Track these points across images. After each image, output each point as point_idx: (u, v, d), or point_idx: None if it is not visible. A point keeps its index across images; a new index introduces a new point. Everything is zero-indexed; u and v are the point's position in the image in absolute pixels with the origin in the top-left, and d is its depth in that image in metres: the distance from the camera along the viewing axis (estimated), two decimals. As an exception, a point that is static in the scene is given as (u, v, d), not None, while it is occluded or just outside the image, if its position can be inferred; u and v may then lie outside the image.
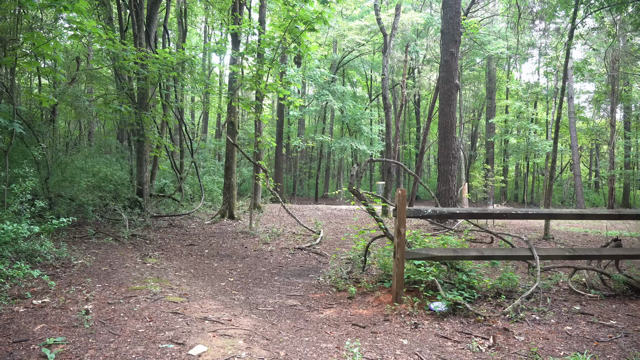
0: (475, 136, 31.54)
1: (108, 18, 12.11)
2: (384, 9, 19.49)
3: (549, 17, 14.63)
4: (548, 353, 3.00)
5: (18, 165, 7.13)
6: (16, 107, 7.13)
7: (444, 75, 10.77)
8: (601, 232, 9.65)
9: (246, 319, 3.62)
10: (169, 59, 7.95)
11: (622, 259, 5.05)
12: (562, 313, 3.87)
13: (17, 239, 4.39)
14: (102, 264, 5.28)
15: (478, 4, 17.81)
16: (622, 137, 25.14)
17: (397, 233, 4.09)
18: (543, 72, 26.47)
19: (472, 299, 4.14)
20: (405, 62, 15.42)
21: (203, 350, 2.80)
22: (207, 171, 17.48)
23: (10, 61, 6.55)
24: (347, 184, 24.93)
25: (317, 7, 7.65)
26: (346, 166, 31.70)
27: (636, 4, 10.10)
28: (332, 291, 4.83)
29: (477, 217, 4.78)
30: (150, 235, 7.62)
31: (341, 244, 7.79)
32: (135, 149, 10.53)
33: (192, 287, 4.66)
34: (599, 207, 24.59)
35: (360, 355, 2.90)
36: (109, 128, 20.46)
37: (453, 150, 10.49)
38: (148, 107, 9.21)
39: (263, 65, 8.49)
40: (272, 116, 20.24)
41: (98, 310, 3.50)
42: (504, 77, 26.98)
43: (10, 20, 10.36)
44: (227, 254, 6.90)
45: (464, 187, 14.10)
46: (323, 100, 22.32)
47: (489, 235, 7.70)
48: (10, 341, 2.83)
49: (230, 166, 10.48)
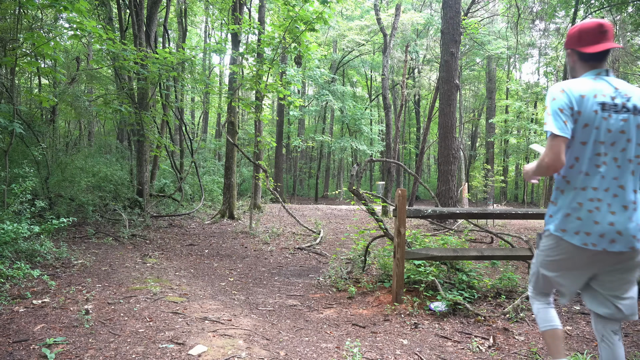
0: (475, 136, 31.54)
1: (108, 18, 12.11)
2: (384, 9, 19.50)
3: (549, 17, 14.63)
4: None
5: (18, 165, 7.13)
6: (16, 107, 7.13)
7: (444, 75, 10.76)
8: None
9: (246, 319, 3.62)
10: (169, 59, 7.95)
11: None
12: (562, 313, 3.87)
13: (17, 239, 4.39)
14: (102, 264, 5.29)
15: (478, 4, 17.81)
16: (622, 137, 25.11)
17: (397, 233, 4.09)
18: (543, 72, 26.49)
19: (472, 299, 4.14)
20: (405, 62, 15.43)
21: (203, 350, 2.80)
22: (207, 171, 17.48)
23: (11, 61, 6.54)
24: (347, 184, 24.94)
25: (317, 7, 7.65)
26: (346, 166, 31.71)
27: (636, 4, 10.11)
28: (332, 291, 4.83)
29: (477, 217, 4.77)
30: (150, 235, 7.62)
31: (341, 244, 7.79)
32: (135, 149, 10.53)
33: (192, 287, 4.66)
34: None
35: (360, 355, 2.90)
36: (109, 128, 20.46)
37: (453, 150, 10.49)
38: (148, 107, 9.21)
39: (263, 65, 8.49)
40: (272, 116, 20.24)
41: (98, 310, 3.50)
42: (504, 77, 26.98)
43: (10, 20, 10.36)
44: (227, 254, 6.90)
45: (464, 187, 14.09)
46: (323, 100, 22.32)
47: (489, 235, 7.70)
48: (10, 341, 2.83)
49: (230, 166, 10.48)
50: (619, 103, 1.76)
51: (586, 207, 1.79)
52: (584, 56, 1.88)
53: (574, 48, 1.92)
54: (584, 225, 1.78)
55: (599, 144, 1.76)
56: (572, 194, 1.83)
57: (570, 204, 1.83)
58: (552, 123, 1.74)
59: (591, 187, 1.78)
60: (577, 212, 1.80)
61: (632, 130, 1.76)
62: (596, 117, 1.75)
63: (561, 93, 1.79)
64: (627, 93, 1.79)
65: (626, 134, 1.75)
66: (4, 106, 7.71)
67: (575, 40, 1.91)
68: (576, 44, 1.90)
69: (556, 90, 1.81)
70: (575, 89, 1.78)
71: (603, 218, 1.76)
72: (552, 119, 1.75)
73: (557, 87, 1.83)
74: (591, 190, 1.78)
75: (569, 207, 1.83)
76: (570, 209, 1.82)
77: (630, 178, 1.78)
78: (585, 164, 1.79)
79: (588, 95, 1.76)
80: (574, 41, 1.91)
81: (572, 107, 1.76)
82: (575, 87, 1.79)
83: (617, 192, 1.77)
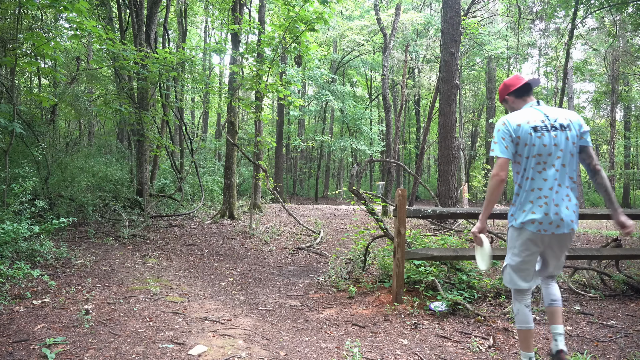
0: (475, 136, 31.53)
1: (108, 18, 12.11)
2: (384, 9, 19.50)
3: (549, 17, 14.63)
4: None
5: (18, 165, 7.13)
6: (16, 107, 7.13)
7: (444, 75, 10.76)
8: (601, 232, 9.66)
9: (246, 319, 3.62)
10: (169, 59, 7.95)
11: (622, 259, 5.05)
12: (562, 313, 3.87)
13: (17, 239, 4.39)
14: (102, 264, 5.29)
15: (478, 4, 17.81)
16: (622, 137, 25.13)
17: (397, 233, 4.09)
18: (543, 72, 26.46)
19: (472, 299, 4.14)
20: (405, 62, 15.43)
21: (203, 350, 2.80)
22: (207, 171, 17.48)
23: (11, 61, 6.54)
24: (347, 184, 24.93)
25: (317, 7, 7.65)
26: (346, 166, 31.71)
27: (636, 4, 10.10)
28: (332, 291, 4.83)
29: (477, 217, 4.77)
30: (150, 235, 7.62)
31: (341, 244, 7.79)
32: (135, 149, 10.53)
33: (192, 287, 4.66)
34: (599, 207, 24.58)
35: (360, 355, 2.91)
36: (109, 128, 20.46)
37: (453, 150, 10.48)
38: (148, 107, 9.21)
39: (263, 65, 8.49)
40: (272, 116, 20.23)
41: (98, 310, 3.50)
42: (504, 77, 26.96)
43: (10, 20, 10.36)
44: (227, 254, 6.90)
45: (464, 187, 14.09)
46: (323, 100, 22.32)
47: (489, 235, 7.69)
48: (10, 341, 2.83)
49: (230, 166, 10.48)
50: (548, 124, 2.38)
51: (536, 203, 2.36)
52: (515, 93, 2.55)
53: (507, 93, 2.59)
54: (536, 217, 2.35)
55: (538, 156, 2.36)
56: (524, 195, 2.42)
57: (525, 203, 2.41)
58: (497, 148, 2.40)
59: (537, 188, 2.37)
60: (531, 208, 2.38)
61: (562, 143, 2.36)
62: (532, 138, 2.36)
63: (503, 125, 2.43)
64: (554, 115, 2.41)
65: (558, 145, 2.36)
66: (4, 106, 7.71)
67: (505, 90, 2.60)
68: (507, 91, 2.59)
69: (499, 123, 2.45)
70: (513, 121, 2.41)
71: (549, 210, 2.34)
72: (497, 146, 2.41)
73: (500, 121, 2.46)
74: (537, 191, 2.37)
75: (524, 206, 2.41)
76: (525, 207, 2.40)
77: (566, 178, 2.38)
78: (530, 172, 2.38)
79: (523, 123, 2.39)
80: (505, 91, 2.60)
81: (511, 134, 2.39)
82: (512, 119, 2.42)
83: (557, 189, 2.36)
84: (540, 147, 2.36)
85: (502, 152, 2.39)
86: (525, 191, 2.42)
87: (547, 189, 2.35)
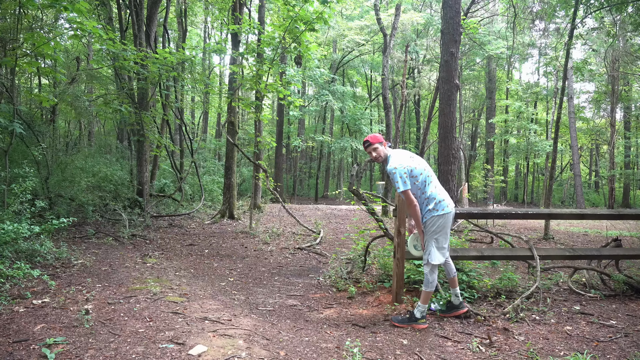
0: (475, 136, 31.54)
1: (108, 18, 12.11)
2: (384, 9, 19.49)
3: (548, 17, 14.62)
4: (548, 353, 3.01)
5: (18, 165, 7.13)
6: (16, 107, 7.12)
7: (444, 75, 10.74)
8: (601, 232, 9.66)
9: (246, 319, 3.62)
10: (169, 59, 7.95)
11: (622, 259, 5.05)
12: (562, 313, 3.88)
13: (17, 239, 4.39)
14: (102, 264, 5.29)
15: (478, 4, 17.80)
16: (622, 137, 25.13)
17: (397, 233, 4.09)
18: (543, 72, 26.49)
19: (472, 299, 4.14)
20: (405, 62, 15.43)
21: (203, 350, 2.80)
22: (207, 171, 17.48)
23: (11, 61, 6.54)
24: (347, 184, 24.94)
25: (317, 7, 7.65)
26: (346, 166, 31.72)
27: (636, 4, 10.10)
28: (332, 291, 4.83)
29: (477, 217, 4.78)
30: (150, 235, 7.62)
31: (341, 244, 7.79)
32: (135, 149, 10.53)
33: (192, 287, 4.66)
34: (599, 207, 24.58)
35: (360, 355, 2.91)
36: (109, 128, 20.46)
37: (453, 150, 10.47)
38: (148, 107, 9.21)
39: (263, 65, 8.49)
40: (272, 116, 20.24)
41: (98, 310, 3.51)
42: (504, 77, 26.97)
43: (10, 20, 10.37)
44: (227, 254, 6.90)
45: (464, 187, 14.08)
46: (323, 100, 22.33)
47: (489, 235, 7.70)
48: (10, 341, 2.83)
49: (230, 166, 10.48)
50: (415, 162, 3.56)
51: (439, 198, 3.53)
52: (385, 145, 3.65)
53: (380, 143, 3.58)
54: (447, 204, 3.52)
55: (425, 178, 3.55)
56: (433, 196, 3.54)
57: (437, 200, 3.53)
58: (401, 184, 3.43)
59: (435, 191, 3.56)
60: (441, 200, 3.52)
61: (427, 169, 3.61)
62: (415, 171, 3.53)
63: (402, 168, 3.45)
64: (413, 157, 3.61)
65: (427, 171, 3.59)
66: (4, 106, 7.71)
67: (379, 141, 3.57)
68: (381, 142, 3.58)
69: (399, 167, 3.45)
70: (405, 164, 3.49)
71: (447, 199, 3.55)
72: (401, 182, 3.43)
73: (398, 165, 3.45)
74: (435, 193, 3.55)
75: (437, 202, 3.52)
76: (438, 201, 3.52)
77: (439, 184, 3.66)
78: (427, 187, 3.55)
79: (410, 163, 3.52)
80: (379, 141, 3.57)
81: (406, 172, 3.48)
82: (404, 162, 3.50)
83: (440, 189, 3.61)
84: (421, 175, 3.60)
85: (404, 186, 3.47)
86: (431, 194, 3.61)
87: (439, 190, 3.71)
